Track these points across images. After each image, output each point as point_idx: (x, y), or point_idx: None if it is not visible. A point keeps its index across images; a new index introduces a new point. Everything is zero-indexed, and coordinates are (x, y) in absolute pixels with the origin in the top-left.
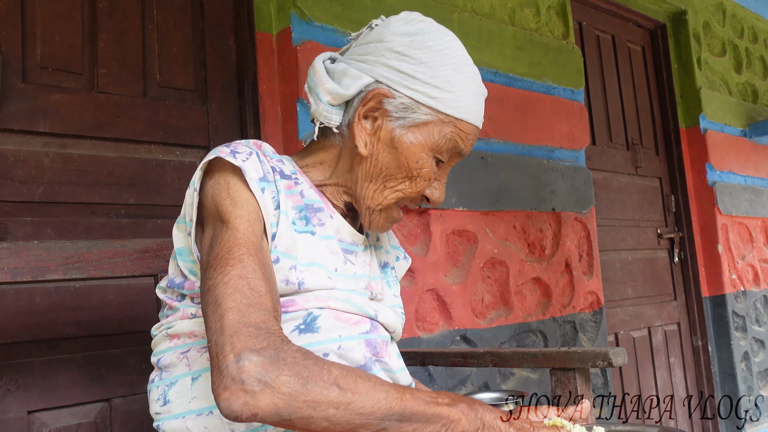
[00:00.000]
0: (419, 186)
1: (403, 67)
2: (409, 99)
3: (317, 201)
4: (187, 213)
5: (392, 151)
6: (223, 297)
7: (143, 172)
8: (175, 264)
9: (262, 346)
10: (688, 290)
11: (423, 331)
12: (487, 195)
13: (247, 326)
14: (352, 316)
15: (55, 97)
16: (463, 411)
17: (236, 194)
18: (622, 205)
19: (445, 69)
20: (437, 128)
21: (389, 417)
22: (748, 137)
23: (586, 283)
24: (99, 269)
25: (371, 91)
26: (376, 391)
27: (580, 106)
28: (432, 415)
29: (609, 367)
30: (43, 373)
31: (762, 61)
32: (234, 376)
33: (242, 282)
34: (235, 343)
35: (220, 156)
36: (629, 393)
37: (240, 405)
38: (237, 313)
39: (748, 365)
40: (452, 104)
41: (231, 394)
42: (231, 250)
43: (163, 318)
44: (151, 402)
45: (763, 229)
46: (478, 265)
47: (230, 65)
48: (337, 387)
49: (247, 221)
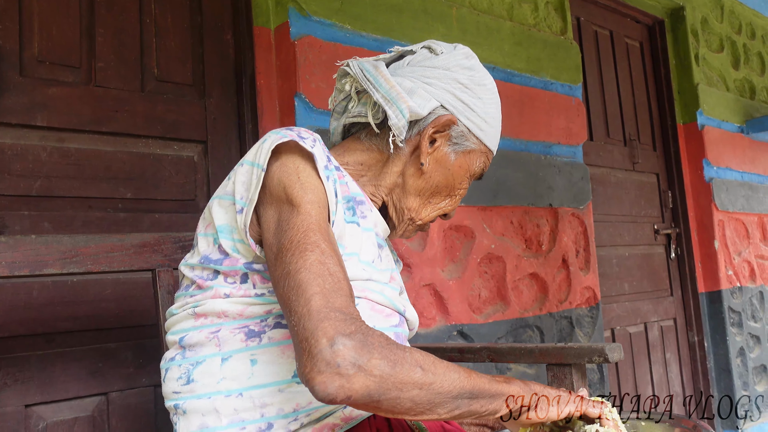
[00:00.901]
0: (454, 204)
1: (465, 98)
2: (466, 128)
3: (359, 194)
4: (238, 191)
5: (444, 172)
6: (307, 282)
7: (141, 167)
8: (211, 240)
9: (351, 330)
10: (685, 286)
11: (420, 326)
12: (484, 190)
13: (334, 311)
14: (385, 308)
15: (52, 91)
16: (519, 386)
17: (306, 179)
18: (619, 201)
19: (492, 106)
20: (477, 156)
21: (462, 395)
22: (746, 133)
23: (583, 279)
24: (97, 263)
25: (444, 116)
26: (451, 371)
27: (578, 101)
28: (495, 392)
29: (605, 362)
30: (41, 367)
31: (760, 57)
32: (329, 360)
33: (322, 267)
34: (327, 328)
35: (292, 138)
36: (627, 390)
37: (336, 388)
38: (322, 298)
39: (743, 361)
40: (491, 137)
41: (327, 377)
42: (307, 235)
43: (186, 297)
44: (169, 380)
45: (760, 225)
46: (475, 261)
47: (228, 60)
48: (421, 368)
49: (318, 207)
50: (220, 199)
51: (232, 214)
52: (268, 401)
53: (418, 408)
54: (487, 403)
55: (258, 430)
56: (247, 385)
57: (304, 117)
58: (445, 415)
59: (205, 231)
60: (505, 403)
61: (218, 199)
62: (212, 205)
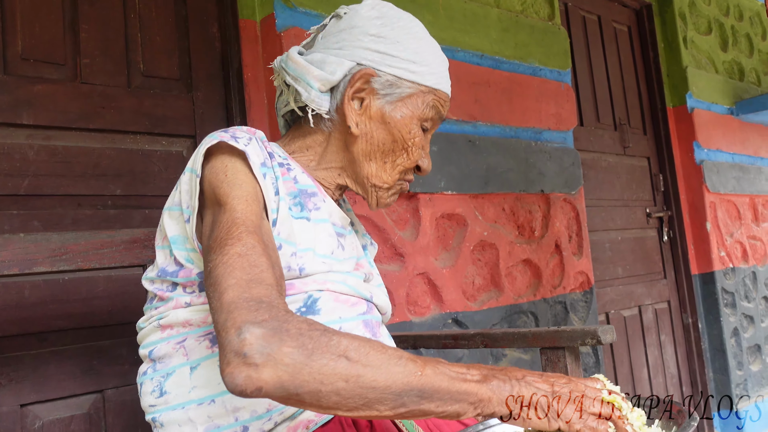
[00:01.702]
0: (415, 155)
1: (381, 48)
2: (392, 76)
3: (310, 186)
4: (183, 200)
5: (385, 127)
6: (222, 276)
7: (129, 163)
8: (166, 253)
9: (263, 318)
10: (678, 268)
11: (414, 314)
12: (475, 178)
13: (248, 301)
14: (350, 297)
15: (38, 88)
16: (494, 389)
17: (233, 176)
18: (611, 185)
19: (415, 44)
20: (420, 99)
21: (407, 393)
22: (735, 115)
23: (576, 264)
24: (87, 260)
25: (357, 72)
26: (392, 364)
27: (567, 87)
28: (457, 393)
29: (598, 344)
30: (35, 366)
31: (748, 38)
32: (236, 350)
33: (242, 260)
34: (236, 317)
35: (222, 140)
36: (623, 374)
37: (243, 379)
38: (237, 289)
39: (737, 341)
40: (428, 76)
41: (234, 368)
42: (230, 230)
43: (152, 310)
44: (144, 394)
45: (751, 206)
46: (468, 248)
47: (215, 53)
48: (346, 359)
49: (245, 201)
50: (170, 211)
51: (182, 225)
52: (240, 405)
53: (349, 403)
54: (445, 405)
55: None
56: (218, 391)
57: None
58: (387, 412)
59: (162, 243)
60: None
61: (168, 210)
62: (164, 216)
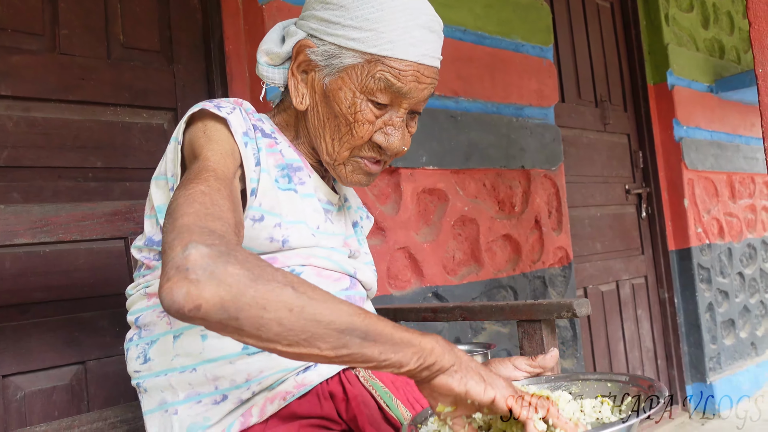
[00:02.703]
0: (360, 131)
1: (325, 15)
2: (332, 45)
3: (296, 160)
4: (168, 168)
5: (326, 101)
6: (181, 205)
7: (110, 135)
8: (153, 222)
9: (213, 242)
10: (655, 244)
11: (395, 288)
12: (457, 153)
13: (201, 227)
14: (333, 273)
15: (15, 59)
16: (437, 341)
17: (211, 133)
18: (591, 162)
19: (365, 8)
20: (364, 69)
21: (351, 331)
22: (715, 93)
23: (556, 239)
24: (68, 232)
25: (296, 44)
26: (337, 302)
27: (549, 63)
28: (401, 339)
29: (574, 317)
30: (16, 338)
31: (729, 16)
32: (179, 265)
33: (204, 196)
34: (185, 236)
35: (205, 108)
36: (600, 347)
37: (183, 295)
38: (194, 217)
39: (712, 316)
40: (374, 42)
41: (174, 284)
42: (199, 173)
43: (140, 277)
44: (130, 360)
45: (728, 183)
46: (448, 223)
47: (196, 25)
48: (292, 288)
49: (220, 154)
50: (157, 180)
51: (168, 193)
52: (219, 374)
53: (290, 336)
54: (389, 351)
55: (213, 401)
56: (200, 360)
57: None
58: (328, 351)
59: (150, 213)
60: (414, 354)
61: (155, 180)
62: (151, 186)
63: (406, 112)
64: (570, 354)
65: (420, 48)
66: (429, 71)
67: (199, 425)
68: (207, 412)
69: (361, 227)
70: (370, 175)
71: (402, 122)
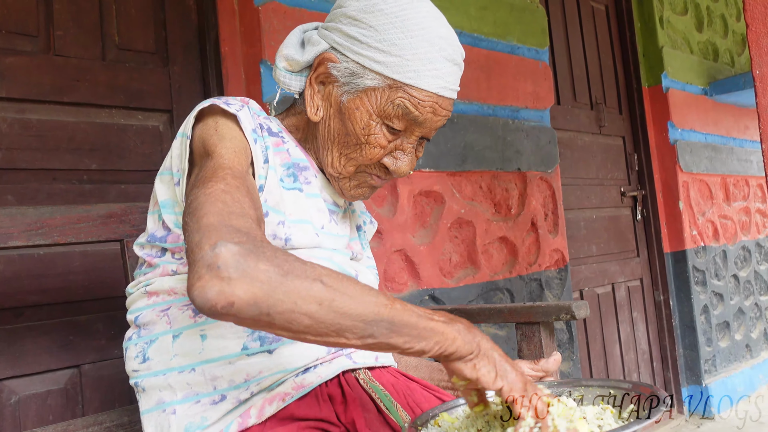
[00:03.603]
0: (370, 153)
1: (352, 32)
2: (355, 64)
3: (303, 160)
4: (174, 164)
5: (341, 117)
6: (203, 204)
7: (105, 137)
8: (156, 218)
9: (240, 240)
10: (651, 247)
11: (392, 291)
12: (453, 156)
13: (227, 227)
14: None
15: (10, 60)
16: (459, 331)
17: (223, 130)
18: (586, 164)
19: (394, 32)
20: (384, 94)
21: (377, 322)
22: (709, 95)
23: (552, 242)
24: (63, 235)
25: (319, 56)
26: (365, 293)
27: (545, 65)
28: (425, 329)
29: (572, 319)
30: (11, 342)
31: (723, 19)
32: (209, 264)
33: (225, 195)
34: (212, 235)
35: (215, 104)
36: (596, 350)
37: (215, 293)
38: (218, 216)
39: (707, 318)
40: (399, 68)
41: (206, 282)
42: (215, 171)
43: (141, 275)
44: (129, 359)
45: (723, 185)
46: (445, 226)
47: (191, 26)
48: (321, 283)
49: (233, 152)
50: (161, 175)
51: (172, 188)
52: (218, 374)
53: (320, 328)
54: (413, 341)
55: (212, 401)
56: (199, 360)
57: (271, 84)
58: (355, 341)
59: (153, 209)
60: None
61: (160, 175)
62: (156, 182)
63: (417, 138)
64: (566, 356)
65: (442, 80)
66: (446, 103)
67: (196, 425)
68: (205, 412)
69: (364, 231)
70: (373, 189)
71: (412, 148)
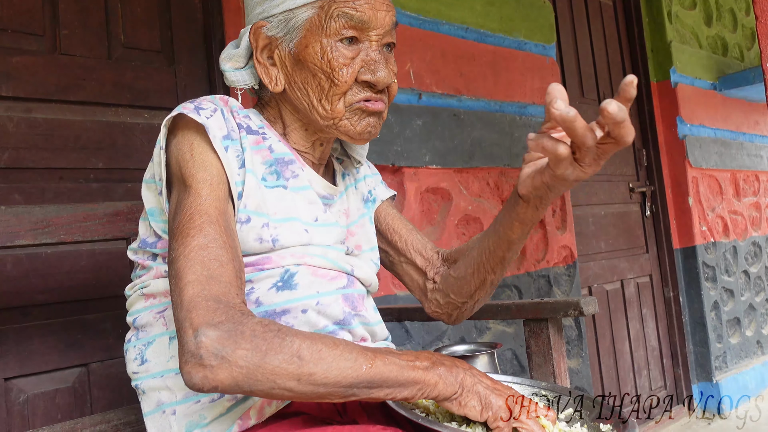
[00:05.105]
0: (342, 76)
1: None
2: (282, 13)
3: (287, 154)
4: (156, 172)
5: (300, 65)
6: (183, 270)
7: (111, 136)
8: (146, 224)
9: (220, 320)
10: (660, 243)
11: (399, 288)
12: (460, 152)
13: (206, 300)
14: (329, 271)
15: (16, 60)
16: (441, 375)
17: (199, 156)
18: None
19: None
20: (321, 15)
21: (357, 385)
22: (718, 90)
23: (560, 238)
24: (70, 233)
25: (250, 33)
26: (343, 359)
27: (552, 61)
28: (406, 380)
29: (580, 315)
30: (18, 341)
31: (732, 13)
32: (193, 352)
33: (203, 252)
34: (193, 318)
35: (184, 113)
36: (605, 347)
37: (200, 378)
38: (197, 286)
39: (717, 314)
40: None
41: (191, 368)
42: (192, 218)
43: (136, 278)
44: (129, 361)
45: (732, 181)
46: (452, 223)
47: (197, 24)
48: (298, 359)
49: (210, 186)
50: (147, 183)
51: (157, 197)
52: None
53: (302, 397)
54: (395, 392)
55: (211, 400)
56: None
57: None
58: (339, 399)
59: (143, 215)
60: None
61: (145, 183)
62: (143, 189)
63: (378, 45)
64: (575, 353)
65: None
66: None
67: (196, 423)
68: (204, 411)
69: (372, 200)
70: (375, 115)
71: (379, 55)
